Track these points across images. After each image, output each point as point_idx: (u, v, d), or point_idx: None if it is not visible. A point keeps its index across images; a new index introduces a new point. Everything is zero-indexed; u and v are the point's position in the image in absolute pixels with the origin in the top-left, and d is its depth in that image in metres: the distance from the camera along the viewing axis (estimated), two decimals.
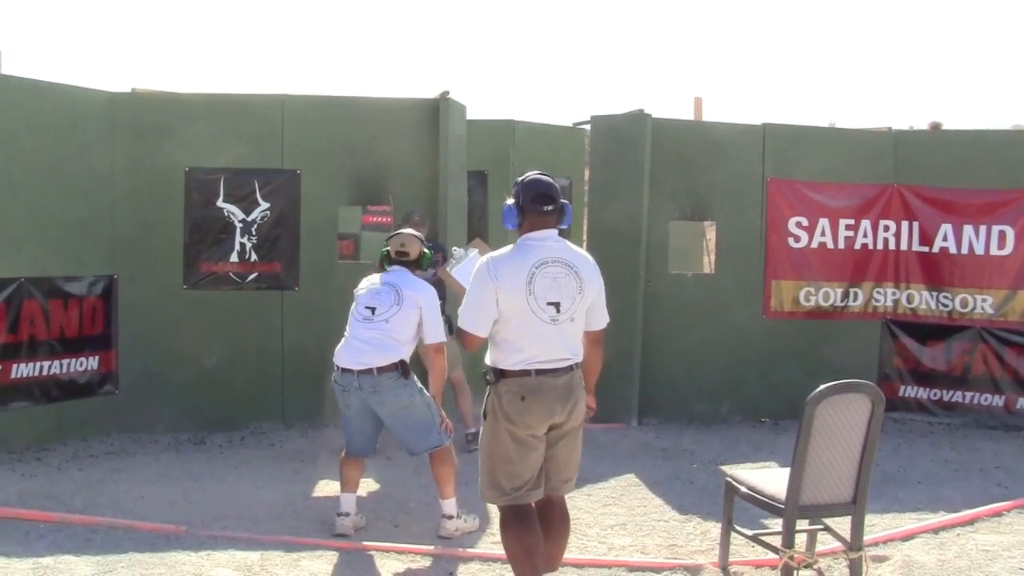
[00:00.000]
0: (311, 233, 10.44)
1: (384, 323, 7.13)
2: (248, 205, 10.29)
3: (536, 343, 5.38)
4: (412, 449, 7.28)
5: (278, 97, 10.43)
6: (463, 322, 5.52)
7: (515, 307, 5.36)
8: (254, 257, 10.32)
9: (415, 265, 7.59)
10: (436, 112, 10.43)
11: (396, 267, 7.50)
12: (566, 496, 5.78)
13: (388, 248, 7.64)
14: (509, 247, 5.59)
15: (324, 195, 10.46)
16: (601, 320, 5.67)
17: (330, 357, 8.22)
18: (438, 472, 7.19)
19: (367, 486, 8.42)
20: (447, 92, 10.50)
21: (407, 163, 10.52)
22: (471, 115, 11.37)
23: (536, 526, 5.49)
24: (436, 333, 7.27)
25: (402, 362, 7.12)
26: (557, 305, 5.38)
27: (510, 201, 5.58)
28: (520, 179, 5.66)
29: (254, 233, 10.32)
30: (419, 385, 7.19)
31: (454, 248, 8.35)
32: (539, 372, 5.38)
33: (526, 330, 5.38)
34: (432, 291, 7.44)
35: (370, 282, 7.56)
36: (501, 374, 5.44)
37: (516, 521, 5.47)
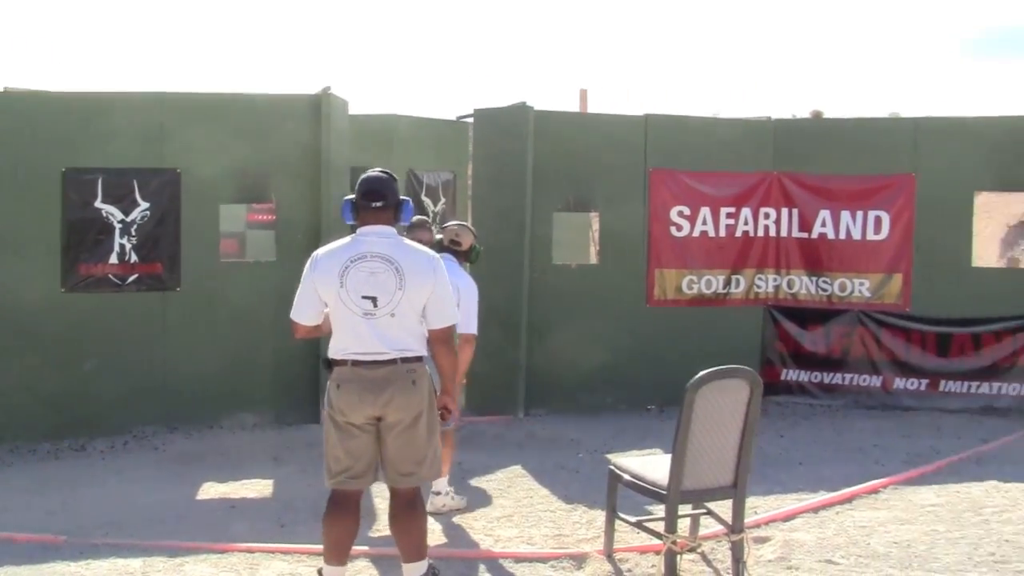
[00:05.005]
0: (192, 232, 10.30)
1: None
2: (127, 205, 10.10)
3: (350, 335, 5.55)
4: None
5: (156, 95, 10.26)
6: (292, 310, 5.76)
7: (330, 298, 5.57)
8: (134, 258, 10.14)
9: (464, 256, 7.94)
10: (318, 108, 10.38)
11: (446, 254, 7.62)
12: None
13: (441, 237, 7.93)
14: (343, 239, 5.74)
15: (205, 194, 10.32)
16: (441, 319, 5.65)
17: (217, 357, 8.05)
18: None
19: (253, 488, 8.33)
20: (328, 87, 10.45)
21: (289, 160, 10.44)
22: (353, 110, 11.33)
23: (350, 515, 5.68)
24: (469, 324, 7.43)
25: None
26: (374, 300, 5.49)
27: (349, 196, 5.78)
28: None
29: (134, 234, 10.14)
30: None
31: None
32: (354, 363, 5.53)
33: (342, 321, 5.57)
34: (473, 284, 7.67)
35: None
36: (331, 361, 5.64)
37: (333, 505, 5.69)
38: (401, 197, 5.79)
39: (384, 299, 5.49)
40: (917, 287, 11.39)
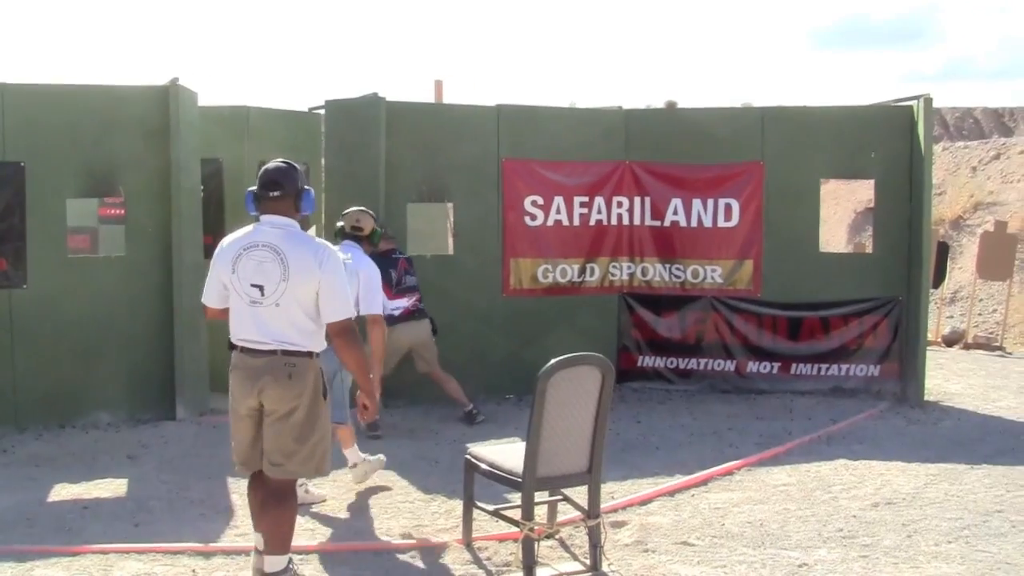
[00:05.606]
0: (39, 228, 9.98)
1: None
2: None
3: (237, 320, 5.68)
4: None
5: None
6: (202, 294, 5.90)
7: (226, 284, 5.66)
8: None
9: (367, 240, 8.21)
10: (166, 99, 10.18)
11: (348, 242, 7.97)
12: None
13: (343, 223, 8.19)
14: (248, 227, 5.81)
15: (51, 188, 10.01)
16: (332, 313, 5.62)
17: (67, 355, 7.78)
18: None
19: (107, 488, 8.14)
20: (177, 78, 10.25)
21: (137, 152, 10.22)
22: (204, 101, 11.11)
23: (256, 492, 5.84)
24: (372, 305, 7.75)
25: None
26: (261, 288, 5.56)
27: (252, 187, 5.82)
28: None
29: None
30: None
31: None
32: (242, 349, 5.66)
33: (234, 307, 5.69)
34: (375, 268, 7.92)
35: None
36: (231, 345, 5.76)
37: (250, 482, 5.93)
38: (302, 187, 5.78)
39: (269, 288, 5.55)
40: (767, 273, 11.63)
